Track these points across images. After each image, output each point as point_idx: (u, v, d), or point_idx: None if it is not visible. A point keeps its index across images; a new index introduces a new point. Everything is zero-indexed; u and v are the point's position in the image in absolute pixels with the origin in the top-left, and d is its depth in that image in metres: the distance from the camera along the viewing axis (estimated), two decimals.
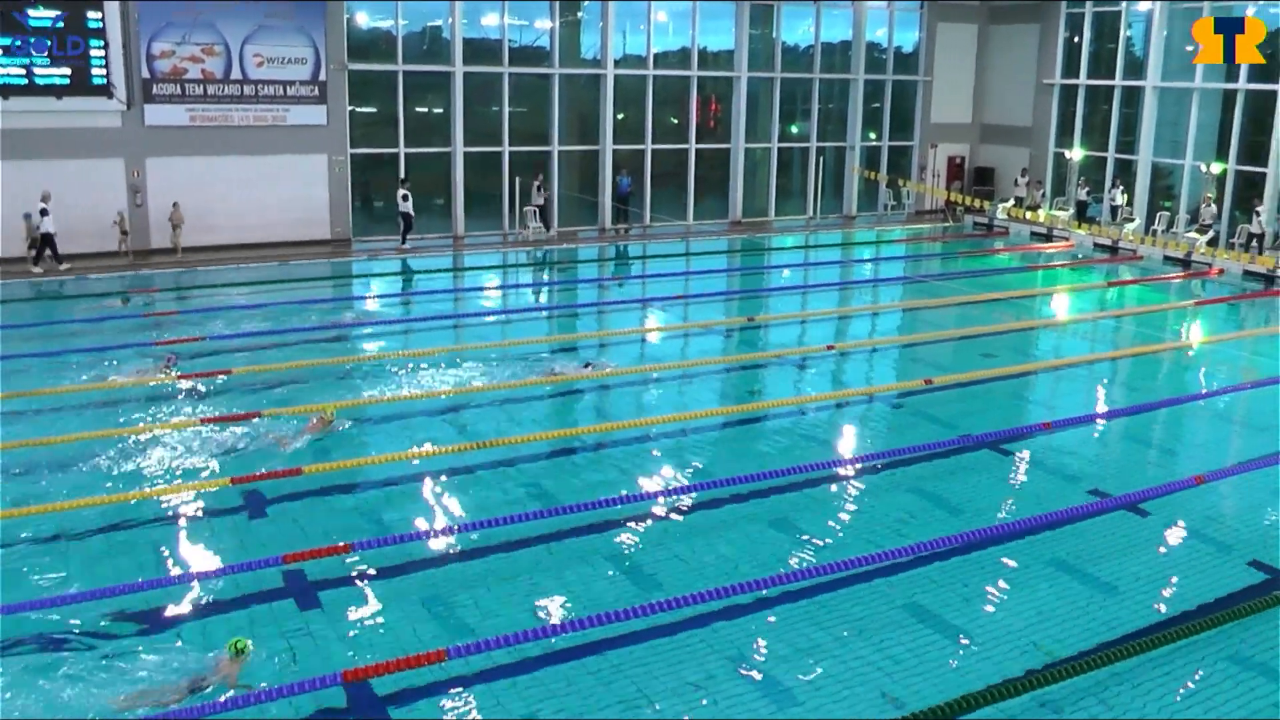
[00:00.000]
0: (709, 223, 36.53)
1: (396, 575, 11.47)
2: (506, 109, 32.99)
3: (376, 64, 31.22)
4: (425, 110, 32.79)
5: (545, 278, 29.18)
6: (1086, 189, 36.95)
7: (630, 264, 32.37)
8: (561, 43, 33.84)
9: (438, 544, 12.23)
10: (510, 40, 32.95)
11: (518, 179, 32.68)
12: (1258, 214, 31.85)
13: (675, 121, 36.50)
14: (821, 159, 38.51)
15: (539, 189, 33.33)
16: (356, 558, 11.70)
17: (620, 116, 35.13)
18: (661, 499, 13.65)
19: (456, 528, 12.61)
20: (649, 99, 35.09)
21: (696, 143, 36.22)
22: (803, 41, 38.27)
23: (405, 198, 30.84)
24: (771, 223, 37.59)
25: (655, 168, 35.64)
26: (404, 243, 30.95)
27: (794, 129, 38.90)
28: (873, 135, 40.11)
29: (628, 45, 35.21)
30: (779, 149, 37.96)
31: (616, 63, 34.59)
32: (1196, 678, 10.05)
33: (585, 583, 11.41)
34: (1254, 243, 31.74)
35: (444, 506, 13.42)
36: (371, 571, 11.53)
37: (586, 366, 19.19)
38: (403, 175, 31.48)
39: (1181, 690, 9.86)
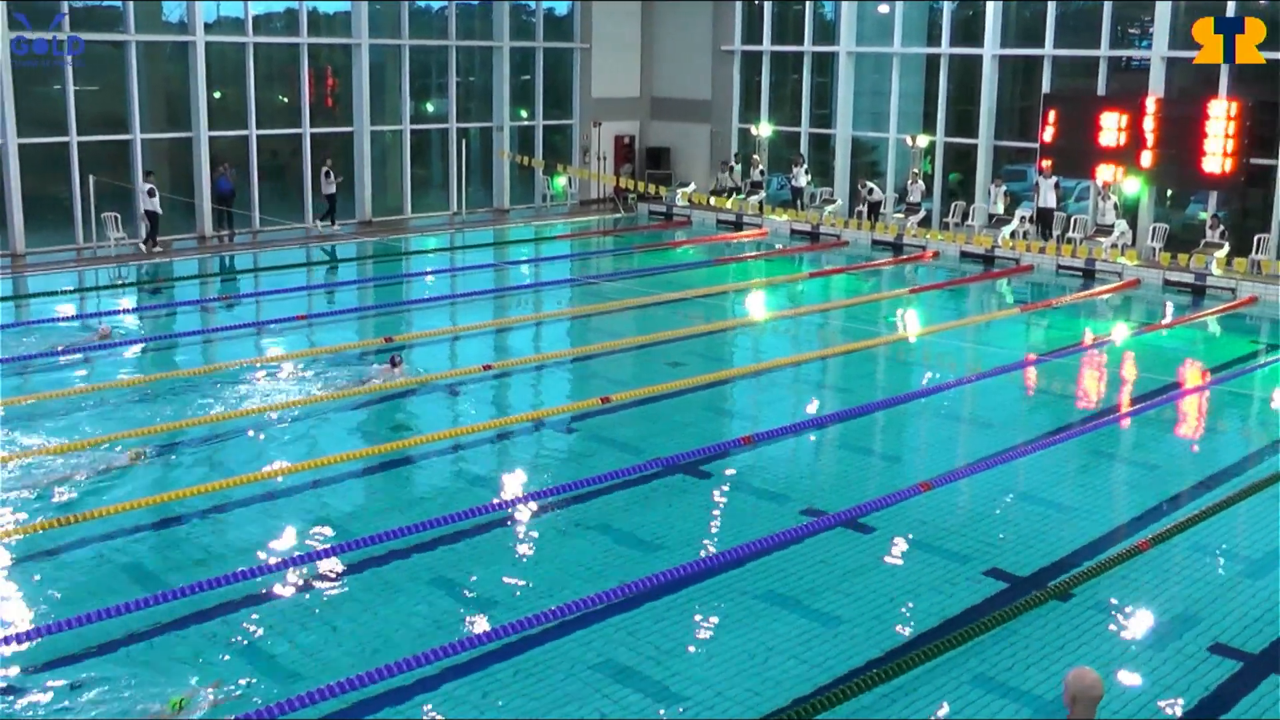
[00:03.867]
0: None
1: None
2: (71, 87, 31.51)
3: None
4: None
5: (138, 302, 27.88)
6: (759, 168, 38.47)
7: (238, 279, 31.46)
8: (138, 2, 32.59)
9: (8, 651, 11.33)
10: None
11: (91, 178, 31.24)
12: (916, 178, 35.62)
13: (285, 101, 35.87)
14: (465, 143, 38.60)
15: (328, 175, 34.72)
16: None
17: (217, 95, 34.29)
18: (293, 569, 13.20)
19: (32, 631, 11.71)
20: (251, 73, 34.30)
21: (312, 126, 35.69)
22: (435, 3, 38.34)
23: (151, 193, 31.18)
24: (408, 221, 37.40)
25: (263, 158, 34.92)
26: (146, 243, 31.52)
27: (429, 107, 38.88)
28: (524, 113, 40.54)
29: (221, 6, 34.42)
30: (412, 132, 37.85)
31: (208, 27, 33.71)
32: (939, 707, 10.46)
33: (208, 683, 10.82)
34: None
35: (17, 602, 12.48)
36: None
37: (395, 367, 20.25)
38: (147, 169, 31.73)
39: None
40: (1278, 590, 12.96)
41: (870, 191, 35.57)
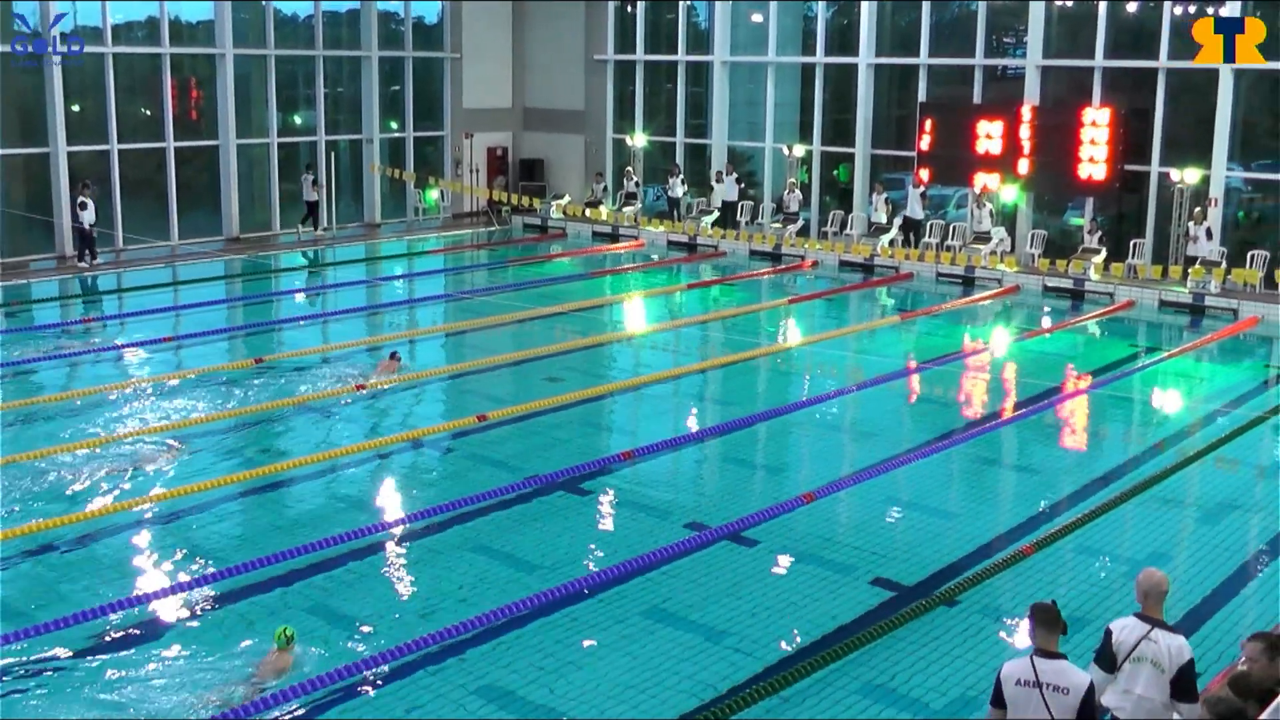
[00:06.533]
0: (199, 241, 35.37)
1: None
2: None
3: None
4: None
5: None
6: (635, 180, 38.59)
7: (102, 301, 30.79)
8: None
9: None
10: None
11: None
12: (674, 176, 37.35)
13: (148, 113, 35.26)
14: (334, 156, 38.24)
15: (313, 183, 36.13)
16: None
17: (76, 109, 33.63)
18: (160, 600, 12.90)
19: None
20: (111, 85, 33.65)
21: (175, 140, 35.07)
22: (302, 10, 37.95)
23: (84, 206, 31.17)
24: (278, 237, 36.92)
25: (125, 174, 34.18)
26: (81, 259, 31.53)
27: (297, 119, 38.48)
28: (394, 125, 40.27)
29: (79, 15, 33.67)
30: (280, 145, 37.38)
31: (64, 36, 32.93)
32: (828, 717, 10.49)
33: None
34: (674, 210, 37.28)
35: None
36: None
37: (393, 357, 21.88)
38: (85, 181, 31.69)
39: None
40: None
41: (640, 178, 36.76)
